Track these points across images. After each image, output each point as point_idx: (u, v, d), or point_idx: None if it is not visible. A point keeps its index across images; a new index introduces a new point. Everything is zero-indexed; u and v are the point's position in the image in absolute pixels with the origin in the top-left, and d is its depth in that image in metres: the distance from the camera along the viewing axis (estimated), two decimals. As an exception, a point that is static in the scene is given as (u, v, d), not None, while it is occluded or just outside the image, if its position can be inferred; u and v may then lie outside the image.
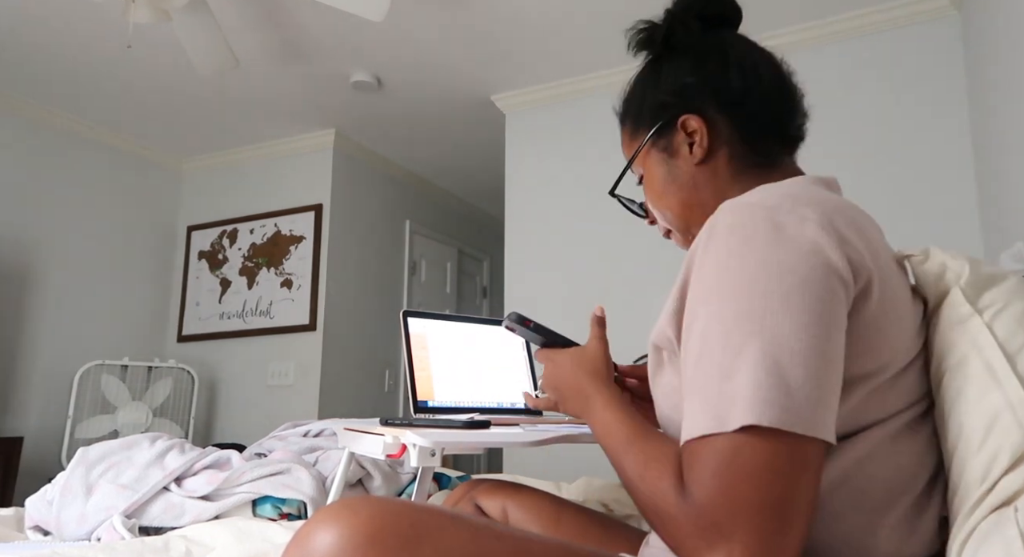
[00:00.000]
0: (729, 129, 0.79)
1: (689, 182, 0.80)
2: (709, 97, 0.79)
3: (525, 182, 3.50)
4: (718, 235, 0.62)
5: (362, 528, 0.54)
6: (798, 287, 0.57)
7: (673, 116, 0.80)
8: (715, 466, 0.55)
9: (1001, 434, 0.60)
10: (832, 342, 0.57)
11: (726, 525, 0.53)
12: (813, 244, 0.59)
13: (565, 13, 2.86)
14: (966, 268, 0.68)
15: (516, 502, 1.01)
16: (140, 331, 4.09)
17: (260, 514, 1.52)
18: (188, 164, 4.39)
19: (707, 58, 0.80)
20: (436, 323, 1.35)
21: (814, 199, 0.64)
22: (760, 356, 0.55)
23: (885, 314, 0.63)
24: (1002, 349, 0.62)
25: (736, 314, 0.57)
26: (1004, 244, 2.25)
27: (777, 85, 0.81)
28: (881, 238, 0.69)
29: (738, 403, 0.55)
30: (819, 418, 0.55)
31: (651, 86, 0.83)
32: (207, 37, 2.54)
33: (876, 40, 2.86)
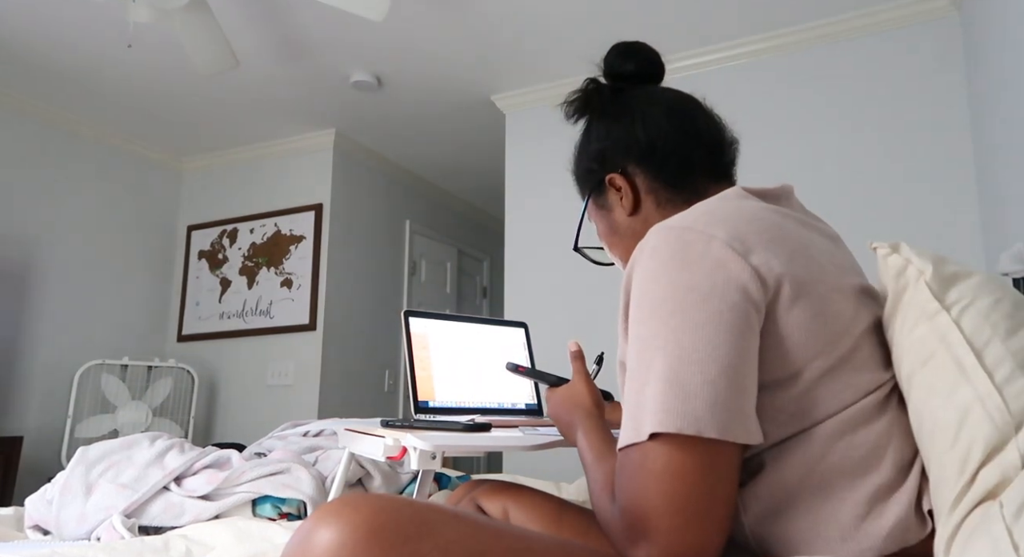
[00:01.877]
0: (649, 178, 0.88)
1: (628, 231, 0.90)
2: (623, 155, 0.89)
3: (525, 182, 3.50)
4: (643, 258, 0.69)
5: (363, 524, 0.54)
6: (698, 303, 0.64)
7: (600, 177, 0.90)
8: (630, 473, 0.62)
9: (973, 427, 0.61)
10: (734, 350, 0.62)
11: (641, 525, 0.60)
12: (716, 262, 0.65)
13: (565, 13, 2.86)
14: (929, 266, 0.70)
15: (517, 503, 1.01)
16: (140, 331, 4.09)
17: (260, 514, 1.52)
18: (188, 164, 4.39)
19: (617, 120, 0.90)
20: (437, 323, 1.35)
21: (730, 214, 0.71)
22: (663, 369, 0.62)
23: (810, 312, 0.67)
24: (969, 344, 0.64)
25: (649, 333, 0.65)
26: (1004, 244, 2.25)
27: (681, 128, 0.88)
28: (816, 242, 0.74)
29: (646, 414, 0.61)
30: (720, 420, 0.60)
31: (584, 151, 0.94)
32: (207, 37, 2.54)
33: (876, 40, 2.86)
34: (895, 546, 0.64)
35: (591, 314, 3.20)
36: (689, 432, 0.59)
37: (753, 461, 0.68)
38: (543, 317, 3.29)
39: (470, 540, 0.58)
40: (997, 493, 0.59)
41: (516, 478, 2.03)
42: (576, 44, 3.09)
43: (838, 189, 2.81)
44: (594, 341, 3.14)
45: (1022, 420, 0.60)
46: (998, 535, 0.55)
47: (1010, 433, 0.60)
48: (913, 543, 0.65)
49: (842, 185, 2.82)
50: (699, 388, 0.60)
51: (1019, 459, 0.59)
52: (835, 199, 2.80)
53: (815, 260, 0.70)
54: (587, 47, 3.11)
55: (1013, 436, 0.59)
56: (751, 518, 0.67)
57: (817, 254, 0.71)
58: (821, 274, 0.69)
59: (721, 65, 3.11)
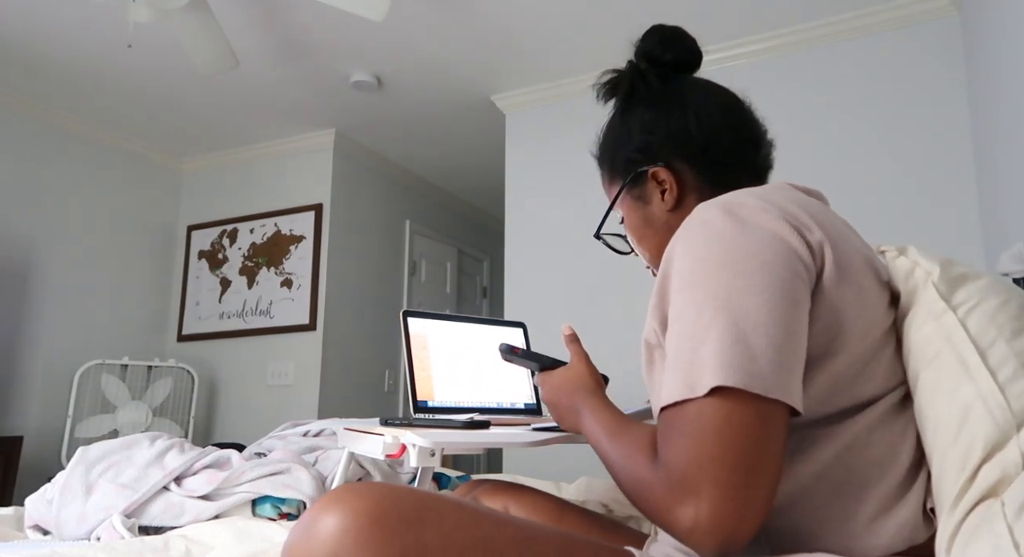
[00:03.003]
0: (695, 175, 0.85)
1: (664, 226, 0.86)
2: (673, 149, 0.85)
3: (525, 182, 3.50)
4: (691, 231, 0.68)
5: (366, 511, 0.55)
6: (760, 268, 0.63)
7: (643, 169, 0.86)
8: (683, 427, 0.59)
9: (975, 425, 0.62)
10: (793, 316, 0.62)
11: (692, 481, 0.56)
12: (773, 232, 0.65)
13: (565, 13, 2.86)
14: (937, 268, 0.71)
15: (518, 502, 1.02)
16: (140, 331, 4.09)
17: (260, 514, 1.52)
18: (188, 164, 4.39)
19: (668, 111, 0.86)
20: (436, 323, 1.35)
21: (778, 196, 0.71)
22: (726, 327, 0.60)
23: (846, 298, 0.67)
24: (975, 344, 0.65)
25: (706, 296, 0.63)
26: (1004, 244, 2.25)
27: (734, 127, 0.86)
28: (850, 234, 0.73)
29: (706, 369, 0.59)
30: (781, 382, 0.59)
31: (621, 138, 0.90)
32: (207, 37, 2.54)
33: (876, 40, 2.86)
34: (904, 545, 0.64)
35: (591, 314, 3.20)
36: (755, 390, 0.58)
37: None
38: (543, 317, 3.29)
39: (472, 528, 0.58)
40: (998, 491, 0.59)
41: (516, 478, 2.03)
42: (576, 44, 3.09)
43: (838, 189, 2.81)
44: (594, 341, 3.13)
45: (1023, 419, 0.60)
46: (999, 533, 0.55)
47: (1011, 432, 0.60)
48: (921, 541, 0.65)
49: (842, 185, 2.82)
50: (764, 348, 0.59)
51: (1020, 457, 0.59)
52: (835, 199, 2.80)
53: (857, 254, 0.70)
54: (587, 47, 3.11)
55: (1014, 435, 0.60)
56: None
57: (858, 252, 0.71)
58: (862, 266, 0.70)
59: (721, 65, 3.11)
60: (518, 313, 3.37)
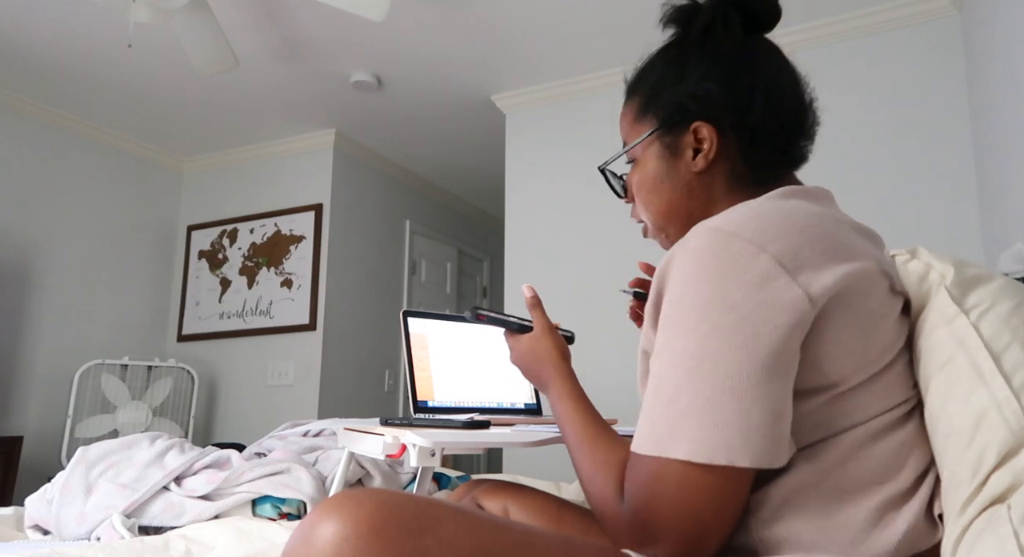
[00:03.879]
0: (736, 147, 0.78)
1: (683, 187, 0.80)
2: (729, 113, 0.77)
3: (525, 182, 3.50)
4: (683, 259, 0.65)
5: (366, 518, 0.55)
6: (737, 324, 0.61)
7: (688, 119, 0.78)
8: (649, 480, 0.61)
9: (988, 431, 0.61)
10: (771, 374, 0.60)
11: (653, 530, 0.61)
12: (762, 278, 0.62)
13: (565, 13, 2.86)
14: (951, 270, 0.69)
15: (517, 502, 1.01)
16: (140, 331, 4.09)
17: (260, 514, 1.52)
18: (188, 164, 4.39)
19: (738, 73, 0.78)
20: (436, 323, 1.35)
21: (783, 221, 0.66)
22: (696, 392, 0.60)
23: (855, 329, 0.64)
24: (988, 349, 0.63)
25: (683, 348, 0.62)
26: (1004, 244, 2.25)
27: (796, 116, 0.79)
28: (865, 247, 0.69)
29: (674, 435, 0.60)
30: (752, 448, 0.59)
31: (672, 77, 0.80)
32: (207, 37, 2.54)
33: (876, 40, 2.86)
34: (905, 553, 0.63)
35: (591, 314, 3.20)
36: (720, 461, 0.58)
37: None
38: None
39: (472, 534, 0.58)
40: (1006, 497, 0.58)
41: (516, 478, 2.03)
42: (576, 44, 3.09)
43: (838, 189, 2.80)
44: (595, 340, 3.14)
45: None
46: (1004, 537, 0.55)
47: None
48: (924, 549, 0.64)
49: (842, 185, 2.82)
50: (733, 416, 0.59)
51: None
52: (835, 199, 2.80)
53: (868, 270, 0.66)
54: (587, 47, 3.11)
55: None
56: (758, 520, 0.66)
57: (869, 263, 0.67)
58: (871, 289, 0.66)
59: (721, 65, 3.10)
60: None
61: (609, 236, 3.25)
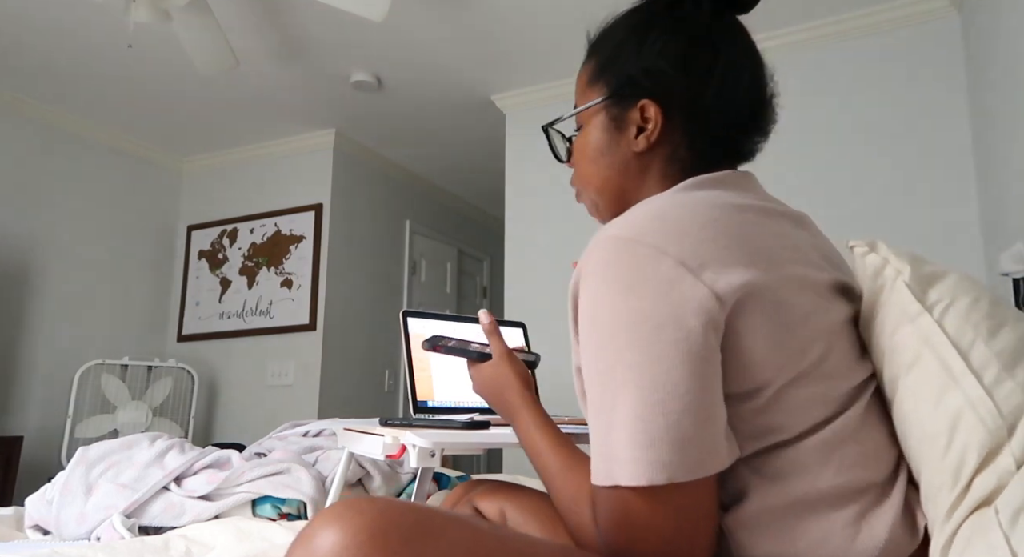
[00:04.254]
0: (682, 131, 0.75)
1: (620, 164, 0.78)
2: (679, 95, 0.74)
3: (525, 182, 3.50)
4: (590, 274, 0.64)
5: (366, 528, 0.54)
6: (653, 334, 0.60)
7: (638, 95, 0.75)
8: (613, 520, 0.61)
9: (966, 433, 0.59)
10: (696, 378, 0.59)
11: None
12: (668, 282, 0.61)
13: (565, 13, 2.86)
14: (907, 266, 0.68)
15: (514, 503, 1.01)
16: (140, 331, 4.09)
17: (260, 514, 1.52)
18: (188, 164, 4.40)
19: (698, 52, 0.74)
20: (436, 323, 1.35)
21: (683, 217, 0.64)
22: (626, 412, 0.59)
23: (773, 323, 0.63)
24: (955, 346, 0.62)
25: (606, 368, 0.61)
26: (1004, 244, 2.25)
27: (752, 108, 0.76)
28: (781, 235, 0.68)
29: (616, 463, 0.59)
30: (690, 460, 0.58)
31: (630, 48, 0.77)
32: (207, 37, 2.54)
33: (876, 40, 2.86)
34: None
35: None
36: (660, 482, 0.57)
37: (736, 485, 0.66)
38: (543, 317, 3.28)
39: (473, 545, 0.57)
40: (992, 499, 0.58)
41: (516, 478, 2.03)
42: (576, 44, 3.09)
43: (837, 189, 2.81)
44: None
45: (1014, 422, 0.59)
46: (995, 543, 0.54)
47: (1003, 437, 0.58)
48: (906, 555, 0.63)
49: (841, 185, 2.82)
50: (663, 432, 0.58)
51: (1014, 464, 0.57)
52: (834, 199, 2.80)
53: (779, 262, 0.65)
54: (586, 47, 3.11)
55: (1007, 440, 0.58)
56: (737, 544, 0.65)
57: (781, 252, 0.66)
58: (786, 277, 0.64)
59: (721, 65, 3.10)
60: (518, 313, 3.37)
61: (609, 236, 3.24)
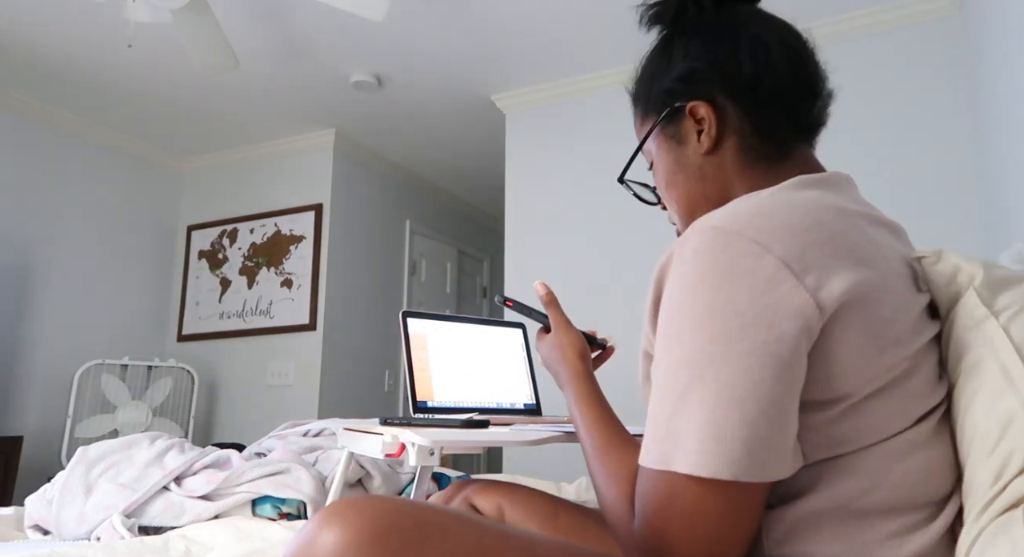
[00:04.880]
0: (739, 117, 0.75)
1: (696, 173, 0.77)
2: (719, 83, 0.75)
3: (525, 182, 3.50)
4: (683, 261, 0.62)
5: (367, 527, 0.54)
6: (743, 330, 0.58)
7: (681, 103, 0.76)
8: (656, 503, 0.59)
9: (1015, 436, 0.58)
10: (777, 384, 0.57)
11: (663, 551, 0.59)
12: (767, 282, 0.58)
13: (565, 13, 2.86)
14: (980, 271, 0.66)
15: (512, 500, 1.01)
16: (140, 331, 4.09)
17: (260, 514, 1.52)
18: (188, 164, 4.40)
19: (718, 40, 0.76)
20: (435, 323, 1.35)
21: (789, 218, 0.62)
22: (700, 403, 0.58)
23: (868, 335, 0.61)
24: (1018, 352, 0.61)
25: (684, 357, 0.60)
26: (1004, 244, 2.25)
27: (793, 69, 0.76)
28: (884, 245, 0.66)
29: (678, 449, 0.58)
30: (755, 463, 0.57)
31: (661, 69, 0.79)
32: (207, 37, 2.54)
33: (877, 40, 2.86)
34: None
35: (591, 314, 3.20)
36: (725, 477, 0.56)
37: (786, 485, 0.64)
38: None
39: (474, 543, 0.57)
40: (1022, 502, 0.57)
41: (516, 478, 2.03)
42: (576, 44, 3.09)
43: (838, 189, 2.81)
44: (594, 341, 3.13)
45: None
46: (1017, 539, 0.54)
47: None
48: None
49: (842, 185, 2.82)
50: (737, 429, 0.56)
51: None
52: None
53: (882, 273, 0.63)
54: (587, 47, 3.11)
55: None
56: (771, 540, 0.64)
57: (885, 264, 0.64)
58: (886, 290, 0.62)
59: (721, 65, 3.11)
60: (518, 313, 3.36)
61: (609, 236, 3.25)
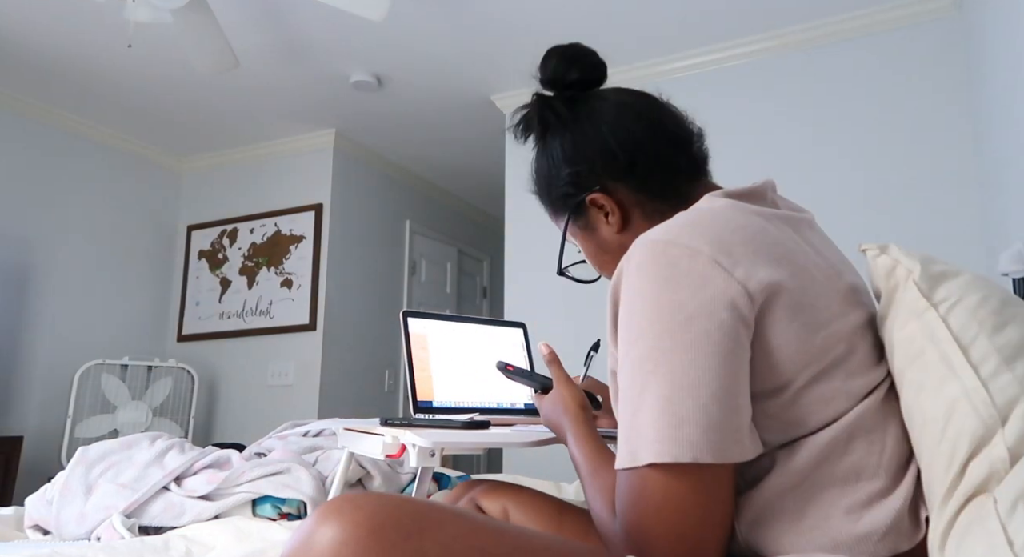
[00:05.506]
0: (632, 191, 0.84)
1: (618, 249, 0.87)
2: (601, 173, 0.85)
3: (525, 182, 3.49)
4: (629, 275, 0.69)
5: (365, 522, 0.55)
6: (686, 324, 0.64)
7: (579, 201, 0.87)
8: (629, 498, 0.63)
9: (959, 421, 0.62)
10: (724, 369, 0.63)
11: (642, 546, 0.62)
12: (702, 278, 0.65)
13: (564, 13, 2.86)
14: (917, 265, 0.71)
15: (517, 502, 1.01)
16: (140, 331, 4.09)
17: (260, 514, 1.52)
18: (188, 164, 4.40)
19: (583, 136, 0.86)
20: (436, 323, 1.35)
21: (713, 223, 0.70)
22: (655, 395, 0.62)
23: (798, 321, 0.67)
24: (957, 341, 0.65)
25: (639, 356, 0.65)
26: (1004, 244, 2.25)
27: (654, 133, 0.84)
28: (803, 243, 0.73)
29: (641, 442, 0.62)
30: (714, 444, 0.61)
31: (549, 175, 0.90)
32: (207, 37, 2.54)
33: (877, 40, 2.86)
34: (887, 552, 0.64)
35: (591, 314, 3.20)
36: (685, 460, 0.60)
37: (751, 470, 0.69)
38: (543, 317, 3.29)
39: (471, 538, 0.58)
40: (988, 487, 0.59)
41: (516, 478, 2.03)
42: (576, 44, 3.09)
43: (838, 189, 2.81)
44: (593, 341, 3.13)
45: (1007, 414, 0.61)
46: (993, 531, 0.55)
47: (996, 426, 0.60)
48: (906, 549, 0.64)
49: (842, 185, 2.82)
50: (691, 413, 0.61)
51: (1006, 452, 0.59)
52: (835, 199, 2.80)
53: (802, 265, 0.70)
54: (587, 47, 3.11)
55: (999, 429, 0.60)
56: (743, 525, 0.68)
57: (804, 258, 0.71)
58: (809, 280, 0.69)
59: (720, 65, 3.11)
60: (518, 313, 3.37)
61: (609, 236, 3.25)
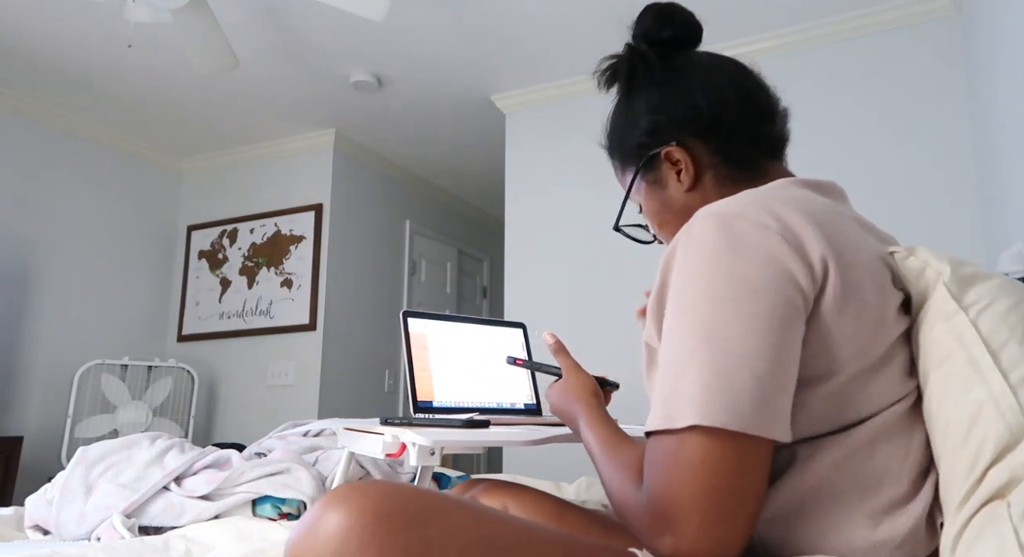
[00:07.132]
0: (709, 152, 0.83)
1: (683, 208, 0.84)
2: (683, 128, 0.83)
3: (525, 182, 3.50)
4: (688, 243, 0.67)
5: (371, 509, 0.55)
6: (749, 294, 0.62)
7: (654, 152, 0.84)
8: (662, 462, 0.60)
9: (985, 426, 0.61)
10: (782, 346, 0.61)
11: (671, 515, 0.59)
12: (768, 253, 0.63)
13: (565, 13, 2.86)
14: (947, 267, 0.69)
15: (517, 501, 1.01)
16: (140, 331, 4.09)
17: (260, 514, 1.52)
18: (188, 164, 4.40)
19: (673, 91, 0.84)
20: (436, 323, 1.35)
21: (783, 203, 0.68)
22: (708, 359, 0.60)
23: (844, 321, 0.65)
24: (986, 345, 0.64)
25: (693, 322, 0.63)
26: (1004, 244, 2.25)
27: (744, 98, 0.84)
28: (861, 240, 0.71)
29: (685, 403, 0.60)
30: (762, 417, 0.59)
31: (628, 125, 0.88)
32: (207, 37, 2.54)
33: (876, 40, 2.86)
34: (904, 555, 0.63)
35: (591, 314, 3.21)
36: (733, 427, 0.58)
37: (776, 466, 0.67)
38: (543, 317, 3.29)
39: (475, 526, 0.58)
40: (1005, 493, 0.58)
41: (516, 478, 2.03)
42: (576, 44, 3.09)
43: (838, 189, 2.81)
44: (594, 341, 3.14)
45: None
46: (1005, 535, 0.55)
47: (1022, 434, 0.59)
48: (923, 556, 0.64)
49: (841, 185, 2.82)
50: (746, 383, 0.59)
51: None
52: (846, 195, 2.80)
53: (865, 261, 0.68)
54: (587, 47, 3.11)
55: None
56: (761, 522, 0.67)
57: (867, 255, 0.69)
58: (870, 278, 0.67)
59: (721, 65, 3.10)
60: (518, 313, 3.37)
61: (608, 236, 3.24)
